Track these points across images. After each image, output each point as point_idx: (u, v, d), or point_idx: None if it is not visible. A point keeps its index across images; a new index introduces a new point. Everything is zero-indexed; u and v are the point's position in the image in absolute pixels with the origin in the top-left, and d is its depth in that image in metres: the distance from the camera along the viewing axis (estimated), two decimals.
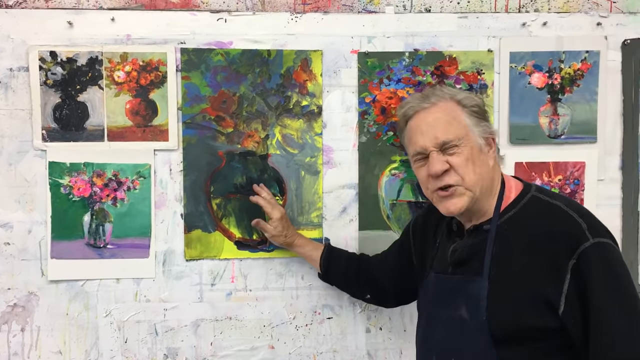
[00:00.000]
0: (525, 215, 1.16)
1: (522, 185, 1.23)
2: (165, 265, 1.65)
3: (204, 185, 1.64)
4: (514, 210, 1.18)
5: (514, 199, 1.19)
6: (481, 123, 1.20)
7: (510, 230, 1.16)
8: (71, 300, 1.63)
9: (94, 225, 1.62)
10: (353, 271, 1.55)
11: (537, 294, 1.08)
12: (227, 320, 1.67)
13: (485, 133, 1.21)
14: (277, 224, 1.57)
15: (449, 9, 1.69)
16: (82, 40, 1.60)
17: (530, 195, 1.19)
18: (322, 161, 1.67)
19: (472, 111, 1.20)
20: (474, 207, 1.19)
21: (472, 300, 1.15)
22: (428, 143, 1.18)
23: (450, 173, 1.17)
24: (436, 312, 1.24)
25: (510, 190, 1.21)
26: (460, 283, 1.19)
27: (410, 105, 1.24)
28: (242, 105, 1.64)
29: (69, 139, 1.60)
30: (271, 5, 1.67)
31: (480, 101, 1.24)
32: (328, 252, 1.58)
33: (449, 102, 1.20)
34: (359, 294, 1.59)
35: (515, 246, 1.14)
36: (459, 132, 1.17)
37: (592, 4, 1.71)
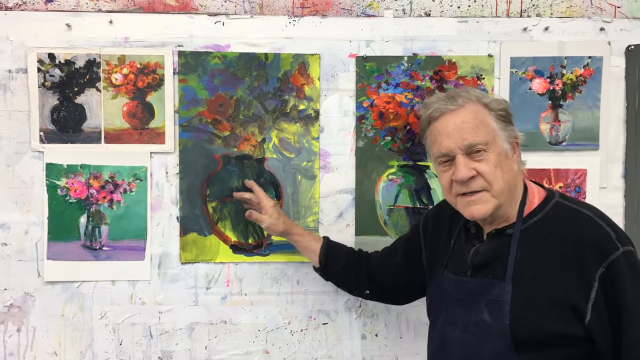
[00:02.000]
0: (550, 221, 1.14)
1: (544, 191, 1.21)
2: (161, 268, 1.65)
3: (200, 188, 1.64)
4: (539, 216, 1.16)
5: (537, 204, 1.18)
6: (507, 127, 1.18)
7: (535, 235, 1.14)
8: (67, 302, 1.64)
9: (90, 227, 1.62)
10: (352, 266, 1.51)
11: (562, 301, 1.07)
12: (221, 324, 1.67)
13: (511, 137, 1.18)
14: (272, 211, 1.52)
15: (449, 13, 1.67)
16: (80, 42, 1.60)
17: (555, 201, 1.17)
18: (319, 166, 1.66)
19: (498, 115, 1.17)
20: (497, 213, 1.17)
21: (495, 304, 1.13)
22: (454, 146, 1.15)
23: (477, 179, 1.15)
24: (455, 315, 1.21)
25: (533, 195, 1.19)
26: (482, 286, 1.17)
27: (436, 106, 1.20)
28: (239, 108, 1.63)
29: (66, 141, 1.61)
30: (269, 8, 1.66)
31: (507, 105, 1.21)
32: (327, 245, 1.53)
33: (476, 105, 1.17)
34: (356, 289, 1.54)
35: (540, 251, 1.12)
36: (487, 136, 1.15)
37: (595, 8, 1.69)
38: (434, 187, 1.67)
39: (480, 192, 1.15)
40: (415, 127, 1.65)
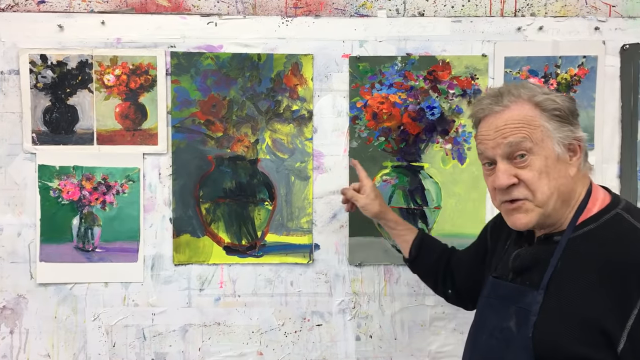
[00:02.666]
0: (602, 234, 1.03)
1: (610, 198, 1.08)
2: (154, 270, 1.64)
3: (193, 189, 1.63)
4: (592, 226, 1.04)
5: (595, 212, 1.06)
6: (563, 127, 1.05)
7: (582, 246, 1.03)
8: (60, 304, 1.63)
9: (83, 229, 1.62)
10: (441, 264, 1.44)
11: (594, 322, 0.97)
12: (215, 325, 1.66)
13: (569, 139, 1.05)
14: (369, 192, 1.49)
15: (443, 13, 1.66)
16: (72, 43, 1.60)
17: (615, 212, 1.04)
18: (313, 166, 1.65)
19: (552, 115, 1.05)
20: (546, 221, 1.07)
21: (523, 313, 1.05)
22: (493, 152, 1.06)
23: (518, 187, 1.05)
24: (485, 319, 1.16)
25: (594, 202, 1.07)
26: (515, 292, 1.09)
27: (480, 107, 1.11)
28: (232, 109, 1.63)
29: (58, 142, 1.60)
30: (262, 9, 1.65)
31: (565, 103, 1.06)
32: (421, 238, 1.47)
33: (524, 105, 1.06)
34: (441, 287, 1.46)
35: (583, 265, 1.01)
36: (532, 139, 1.04)
37: (590, 8, 1.68)
38: (428, 187, 1.66)
39: (522, 201, 1.06)
40: (409, 127, 1.64)
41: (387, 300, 1.68)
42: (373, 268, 1.67)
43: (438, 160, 1.66)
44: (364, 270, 1.67)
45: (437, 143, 1.66)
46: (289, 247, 1.66)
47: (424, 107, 1.64)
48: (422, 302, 1.68)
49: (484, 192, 1.66)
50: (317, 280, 1.67)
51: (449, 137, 1.65)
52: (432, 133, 1.65)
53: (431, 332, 1.68)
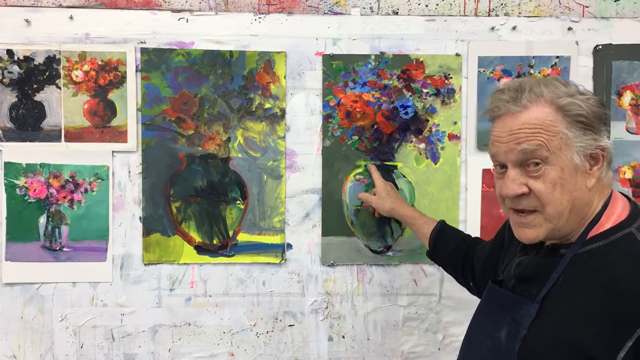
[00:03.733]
0: (609, 254, 0.94)
1: (627, 213, 0.99)
2: (123, 269, 1.61)
3: (163, 188, 1.61)
4: (601, 243, 0.96)
5: (608, 228, 0.97)
6: (586, 136, 0.94)
7: (586, 264, 0.96)
8: (26, 304, 1.60)
9: (50, 228, 1.59)
10: (461, 255, 1.39)
11: (582, 347, 0.90)
12: (186, 326, 1.64)
13: (591, 147, 0.95)
14: (380, 192, 1.58)
15: (417, 11, 1.66)
16: (39, 38, 1.56)
17: (628, 231, 0.95)
18: (285, 165, 1.63)
19: (575, 121, 0.94)
20: (555, 234, 1.00)
21: (515, 325, 0.99)
22: (504, 157, 0.97)
23: (528, 197, 0.97)
24: (480, 323, 1.12)
25: (609, 216, 0.98)
26: (511, 301, 1.04)
27: (496, 104, 0.99)
28: (203, 106, 1.61)
29: (25, 139, 1.57)
30: (234, 5, 1.63)
31: (591, 109, 0.95)
32: (439, 230, 1.45)
33: (545, 107, 0.95)
34: (462, 279, 1.42)
35: (583, 284, 0.94)
36: (549, 148, 0.94)
37: (564, 8, 1.68)
38: (402, 187, 1.65)
39: (532, 214, 0.98)
40: (382, 126, 1.63)
41: (360, 301, 1.67)
42: (346, 268, 1.66)
43: (411, 159, 1.65)
44: (336, 270, 1.66)
45: (410, 142, 1.65)
46: (261, 246, 1.64)
47: (397, 106, 1.63)
48: (395, 302, 1.67)
49: (457, 192, 1.65)
50: (290, 280, 1.65)
51: (423, 137, 1.65)
52: (405, 132, 1.64)
53: (404, 333, 1.68)
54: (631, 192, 1.67)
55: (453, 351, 1.68)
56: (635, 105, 1.67)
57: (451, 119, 1.65)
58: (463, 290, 1.65)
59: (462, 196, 1.66)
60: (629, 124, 1.67)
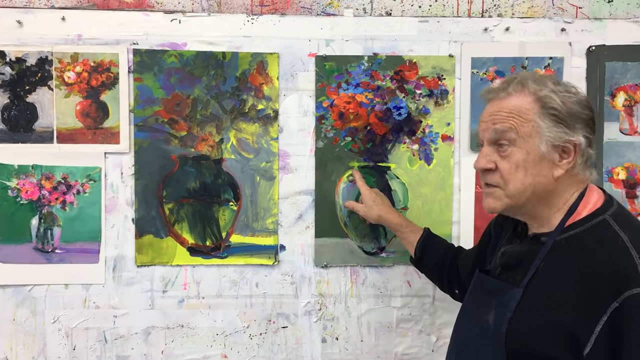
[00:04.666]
0: (585, 239, 1.03)
1: (602, 202, 1.07)
2: (116, 271, 1.61)
3: (156, 189, 1.60)
4: (578, 230, 1.04)
5: (584, 216, 1.05)
6: (557, 128, 1.03)
7: (564, 249, 1.04)
8: (18, 306, 1.59)
9: (42, 229, 1.58)
10: (447, 264, 1.45)
11: (564, 325, 0.98)
12: (178, 328, 1.63)
13: (560, 140, 1.03)
14: (367, 200, 1.54)
15: (410, 12, 1.65)
16: (31, 40, 1.56)
17: (602, 218, 1.04)
18: (278, 166, 1.63)
19: (549, 113, 1.03)
20: (526, 214, 1.10)
21: (501, 308, 1.07)
22: (482, 135, 1.11)
23: (494, 174, 1.08)
24: (469, 311, 1.19)
25: (585, 206, 1.06)
26: (498, 287, 1.11)
27: (489, 89, 1.12)
28: (196, 108, 1.60)
29: (17, 141, 1.57)
30: (227, 6, 1.63)
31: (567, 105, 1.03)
32: (425, 239, 1.48)
33: (526, 97, 1.05)
34: (447, 287, 1.48)
35: (562, 268, 1.02)
36: (518, 131, 1.04)
37: (557, 9, 1.68)
38: (395, 188, 1.65)
39: (495, 187, 1.09)
40: (375, 127, 1.63)
41: (354, 302, 1.66)
42: (339, 269, 1.66)
43: (405, 160, 1.65)
44: (330, 271, 1.66)
45: (404, 143, 1.64)
46: (254, 248, 1.63)
47: (390, 107, 1.63)
48: (388, 304, 1.67)
49: (451, 193, 1.65)
50: (283, 282, 1.65)
51: (416, 138, 1.64)
52: (399, 133, 1.64)
53: (398, 334, 1.67)
54: (624, 192, 1.67)
55: None
56: (629, 106, 1.66)
57: (444, 120, 1.64)
58: None
59: (455, 197, 1.66)
60: (623, 124, 1.67)
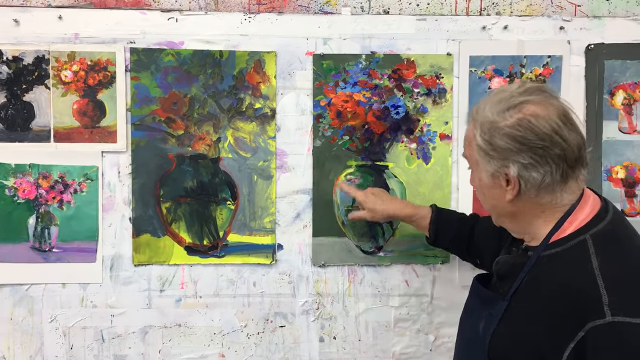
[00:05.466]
0: (563, 259, 1.01)
1: (590, 218, 1.03)
2: (113, 270, 1.61)
3: (153, 188, 1.60)
4: (560, 249, 1.02)
5: (568, 234, 1.02)
6: (488, 160, 1.03)
7: (545, 267, 1.03)
8: (15, 305, 1.59)
9: (39, 228, 1.58)
10: (464, 237, 1.45)
11: (537, 343, 0.98)
12: (176, 327, 1.63)
13: (495, 171, 1.04)
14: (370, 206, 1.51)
15: (408, 11, 1.65)
16: (28, 38, 1.56)
17: (582, 238, 1.00)
18: (276, 165, 1.63)
19: (478, 146, 1.05)
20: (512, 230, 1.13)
21: (489, 319, 1.08)
22: None
23: None
24: (468, 315, 1.21)
25: (572, 222, 1.03)
26: (489, 297, 1.12)
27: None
28: (193, 107, 1.60)
29: (14, 140, 1.56)
30: (224, 5, 1.62)
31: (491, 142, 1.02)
32: (436, 218, 1.47)
33: (474, 127, 1.06)
34: (469, 258, 1.50)
35: (540, 287, 1.02)
36: (471, 159, 1.11)
37: (556, 7, 1.67)
38: (393, 187, 1.64)
39: None
40: (373, 126, 1.63)
41: (351, 301, 1.66)
42: (337, 269, 1.65)
43: (403, 159, 1.64)
44: (327, 270, 1.65)
45: (401, 142, 1.64)
46: (252, 247, 1.63)
47: (388, 106, 1.62)
48: (386, 303, 1.66)
49: (449, 192, 1.65)
50: (280, 281, 1.65)
51: (414, 137, 1.64)
52: (396, 132, 1.64)
53: (395, 333, 1.67)
54: (624, 191, 1.67)
55: (445, 352, 1.67)
56: (628, 104, 1.66)
57: (442, 119, 1.64)
58: (455, 291, 1.66)
59: (453, 196, 1.65)
60: (622, 123, 1.66)
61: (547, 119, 0.98)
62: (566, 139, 0.98)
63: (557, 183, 1.00)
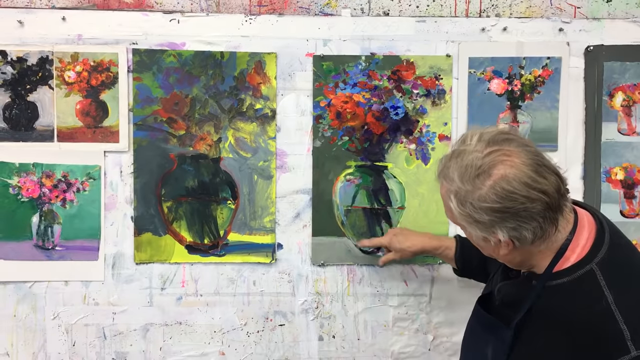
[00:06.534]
0: (572, 291, 1.00)
1: (591, 243, 1.03)
2: (115, 268, 1.63)
3: (155, 187, 1.62)
4: (565, 279, 1.01)
5: (572, 264, 1.02)
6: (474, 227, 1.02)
7: (553, 299, 1.02)
8: (19, 302, 1.62)
9: (43, 227, 1.60)
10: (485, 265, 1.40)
11: None
12: (177, 325, 1.65)
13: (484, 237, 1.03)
14: (395, 247, 1.51)
15: (408, 12, 1.66)
16: (32, 39, 1.58)
17: (589, 268, 1.00)
18: (276, 165, 1.64)
19: (459, 215, 1.02)
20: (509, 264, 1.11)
21: (499, 345, 1.08)
22: None
23: None
24: (471, 339, 1.21)
25: (574, 250, 1.03)
26: (492, 324, 1.12)
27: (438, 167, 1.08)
28: (194, 107, 1.62)
29: (18, 139, 1.59)
30: (226, 6, 1.64)
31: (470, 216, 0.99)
32: (460, 247, 1.46)
33: (445, 192, 1.04)
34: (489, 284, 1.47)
35: (550, 319, 1.01)
36: (453, 220, 1.07)
37: (555, 9, 1.68)
38: (392, 187, 1.65)
39: None
40: (372, 127, 1.64)
41: (350, 301, 1.67)
42: (336, 268, 1.67)
43: (402, 160, 1.65)
44: (327, 270, 1.67)
45: (401, 143, 1.65)
46: (252, 246, 1.65)
47: (388, 107, 1.64)
48: (385, 303, 1.67)
49: None
50: (280, 280, 1.66)
51: (413, 137, 1.65)
52: (396, 133, 1.65)
53: (394, 333, 1.68)
54: (623, 193, 1.67)
55: (443, 351, 1.68)
56: (627, 106, 1.66)
57: (442, 120, 1.65)
58: (454, 290, 1.67)
59: None
60: (621, 125, 1.67)
61: (519, 178, 0.95)
62: (544, 190, 0.95)
63: (549, 228, 0.99)
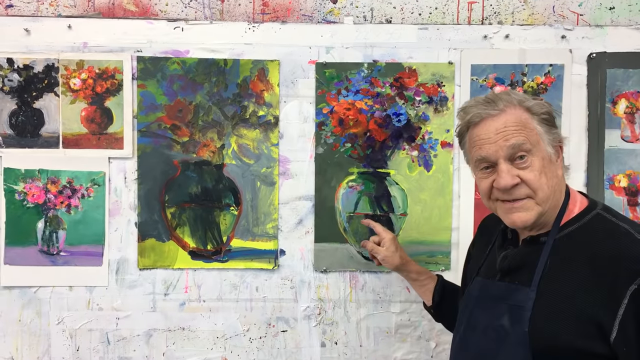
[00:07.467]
0: (587, 233, 1.08)
1: (587, 200, 1.14)
2: (119, 274, 1.64)
3: (158, 194, 1.63)
4: (576, 226, 1.09)
5: (577, 213, 1.11)
6: (552, 130, 1.11)
7: (568, 245, 1.08)
8: (24, 307, 1.63)
9: (48, 232, 1.62)
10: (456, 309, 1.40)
11: (587, 315, 1.01)
12: (180, 330, 1.66)
13: (555, 141, 1.11)
14: (389, 244, 1.49)
15: (410, 20, 1.67)
16: (39, 47, 1.60)
17: (596, 212, 1.10)
18: (278, 172, 1.65)
19: (542, 119, 1.10)
20: (539, 220, 1.11)
21: (516, 310, 1.08)
22: (495, 155, 1.09)
23: (520, 187, 1.09)
24: (477, 319, 1.18)
25: (574, 203, 1.13)
26: (506, 290, 1.12)
27: (476, 111, 1.12)
28: (198, 114, 1.63)
29: (24, 146, 1.61)
30: (229, 14, 1.66)
31: (551, 108, 1.13)
32: (442, 283, 1.48)
33: (517, 109, 1.10)
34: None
35: (571, 262, 1.05)
36: (531, 141, 1.08)
37: (557, 16, 1.68)
38: (394, 194, 1.66)
39: (524, 199, 1.09)
40: (375, 134, 1.64)
41: (353, 307, 1.67)
42: (338, 274, 1.67)
43: (404, 166, 1.66)
44: (329, 276, 1.67)
45: (403, 150, 1.66)
46: (255, 252, 1.66)
47: (390, 114, 1.64)
48: (387, 309, 1.68)
49: (450, 199, 1.66)
50: (283, 286, 1.67)
51: (415, 144, 1.65)
52: (398, 140, 1.65)
53: (397, 339, 1.68)
54: (626, 200, 1.67)
55: (446, 358, 1.68)
56: (630, 113, 1.66)
57: (444, 127, 1.65)
58: None
59: (455, 203, 1.66)
60: (624, 132, 1.66)
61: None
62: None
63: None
